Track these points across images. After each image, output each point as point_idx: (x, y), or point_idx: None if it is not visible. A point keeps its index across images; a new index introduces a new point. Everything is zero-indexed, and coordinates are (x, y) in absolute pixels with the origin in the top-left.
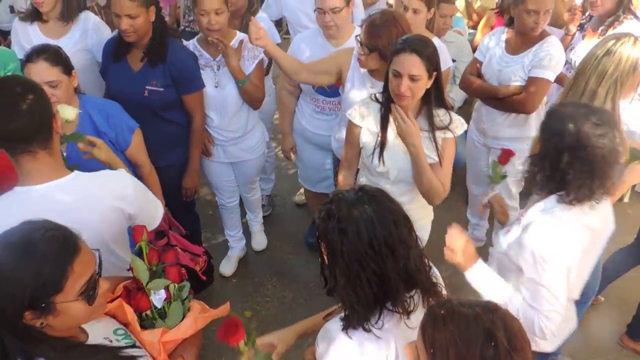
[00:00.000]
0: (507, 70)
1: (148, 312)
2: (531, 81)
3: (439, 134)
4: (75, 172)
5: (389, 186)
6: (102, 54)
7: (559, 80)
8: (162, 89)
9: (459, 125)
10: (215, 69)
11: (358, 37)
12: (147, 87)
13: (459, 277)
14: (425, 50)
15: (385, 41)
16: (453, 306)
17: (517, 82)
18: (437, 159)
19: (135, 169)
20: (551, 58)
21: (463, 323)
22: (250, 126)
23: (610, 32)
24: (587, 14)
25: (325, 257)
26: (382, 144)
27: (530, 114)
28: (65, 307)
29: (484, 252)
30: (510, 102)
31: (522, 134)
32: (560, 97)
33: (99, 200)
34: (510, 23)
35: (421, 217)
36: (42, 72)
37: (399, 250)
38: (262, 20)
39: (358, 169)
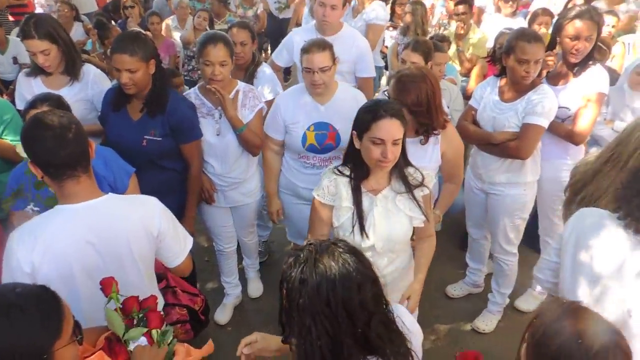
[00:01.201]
0: (502, 117)
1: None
2: (525, 128)
3: (417, 193)
4: (110, 193)
5: (374, 259)
6: (102, 102)
7: (551, 126)
8: (160, 139)
9: (430, 179)
10: (216, 117)
11: (386, 92)
12: (145, 136)
13: None
14: (400, 112)
15: (414, 97)
16: None
17: (511, 128)
18: (424, 217)
19: None
20: (544, 105)
21: None
22: (251, 172)
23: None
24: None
25: (284, 303)
26: (360, 219)
27: (525, 160)
28: (62, 353)
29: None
30: (505, 148)
31: (518, 179)
32: (599, 163)
33: (128, 220)
34: (502, 72)
35: (408, 283)
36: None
37: (357, 315)
38: (264, 73)
39: None
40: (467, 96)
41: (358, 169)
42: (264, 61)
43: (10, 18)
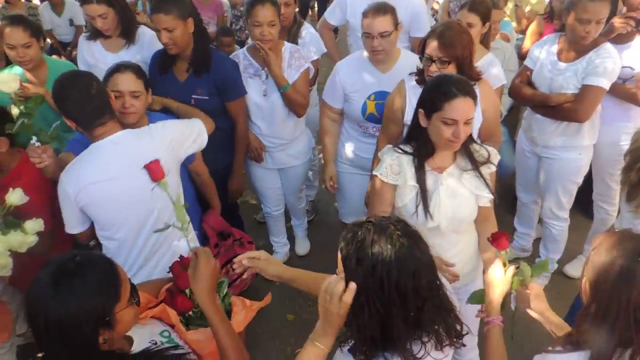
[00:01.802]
0: (559, 78)
1: (191, 312)
2: (585, 89)
3: (484, 170)
4: (127, 129)
5: (439, 241)
6: (149, 66)
7: (612, 88)
8: (207, 97)
9: (494, 155)
10: (263, 78)
11: (427, 55)
12: (193, 96)
13: None
14: (472, 89)
15: (460, 50)
16: None
17: (569, 90)
18: (491, 195)
19: (196, 178)
20: (606, 66)
21: None
22: (298, 133)
23: None
24: None
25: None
26: (424, 199)
27: (583, 123)
28: (122, 315)
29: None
30: (562, 111)
31: (574, 143)
32: None
33: (152, 141)
34: (562, 29)
35: (473, 267)
36: (130, 82)
37: (410, 300)
38: (309, 33)
39: None
40: (522, 56)
41: (422, 147)
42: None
43: None
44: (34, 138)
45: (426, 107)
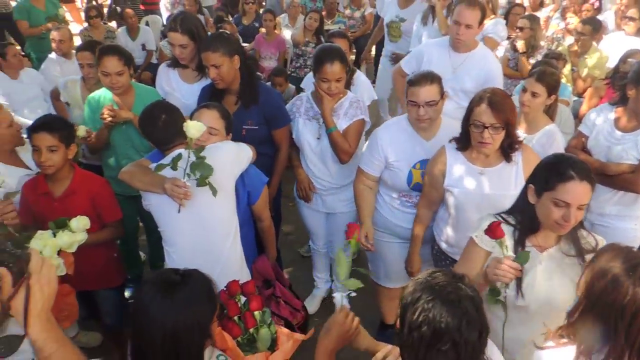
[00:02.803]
0: (618, 147)
1: (239, 338)
2: None
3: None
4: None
5: (526, 322)
6: (197, 100)
7: None
8: (257, 127)
9: (602, 245)
10: (320, 122)
11: (478, 122)
12: (244, 126)
13: None
14: (591, 173)
15: (510, 114)
16: None
17: (629, 160)
18: None
19: (258, 222)
20: None
21: None
22: (350, 180)
23: None
24: None
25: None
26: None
27: None
28: (214, 327)
29: None
30: (620, 180)
31: (630, 213)
32: None
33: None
34: (621, 100)
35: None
36: (212, 119)
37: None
38: (360, 80)
39: None
40: (579, 118)
41: (527, 222)
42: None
43: (142, 7)
44: None
45: (537, 184)
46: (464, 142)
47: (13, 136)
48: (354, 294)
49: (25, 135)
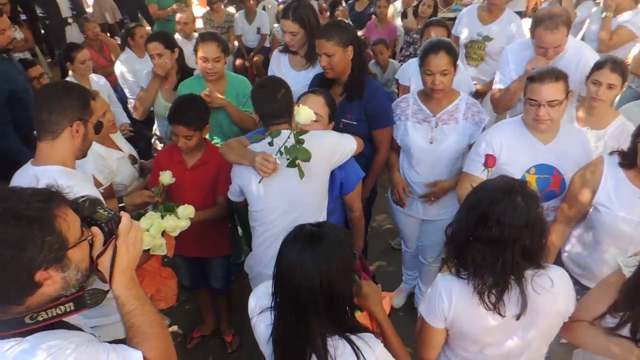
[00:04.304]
0: None
1: None
2: None
3: None
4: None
5: None
6: (308, 86)
7: None
8: (355, 123)
9: None
10: (432, 125)
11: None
12: (342, 119)
13: None
14: None
15: None
16: None
17: None
18: None
19: (348, 212)
20: None
21: None
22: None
23: None
24: None
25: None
26: None
27: None
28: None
29: None
30: None
31: None
32: None
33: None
34: None
35: None
36: (318, 105)
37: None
38: (461, 74)
39: None
40: None
41: None
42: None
43: None
44: None
45: None
46: (630, 159)
47: (109, 122)
48: None
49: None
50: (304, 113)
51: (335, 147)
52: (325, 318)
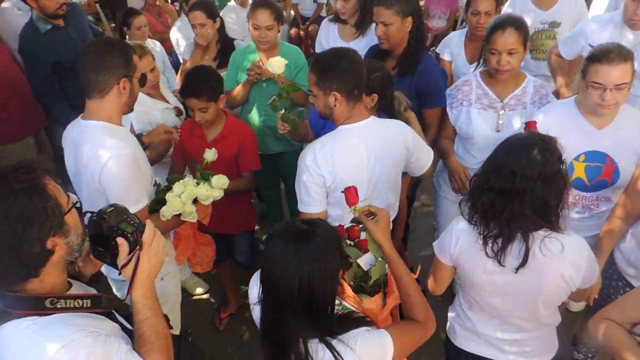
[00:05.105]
0: None
1: (352, 282)
2: None
3: None
4: (372, 117)
5: None
6: (362, 58)
7: None
8: None
9: None
10: (499, 111)
11: None
12: None
13: None
14: None
15: None
16: None
17: None
18: None
19: None
20: None
21: None
22: None
23: None
24: None
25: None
26: None
27: None
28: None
29: None
30: None
31: None
32: None
33: (392, 139)
34: None
35: None
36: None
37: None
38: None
39: None
40: None
41: None
42: None
43: None
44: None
45: None
46: None
47: (155, 77)
48: None
49: None
50: (275, 63)
51: (417, 143)
52: (303, 320)
